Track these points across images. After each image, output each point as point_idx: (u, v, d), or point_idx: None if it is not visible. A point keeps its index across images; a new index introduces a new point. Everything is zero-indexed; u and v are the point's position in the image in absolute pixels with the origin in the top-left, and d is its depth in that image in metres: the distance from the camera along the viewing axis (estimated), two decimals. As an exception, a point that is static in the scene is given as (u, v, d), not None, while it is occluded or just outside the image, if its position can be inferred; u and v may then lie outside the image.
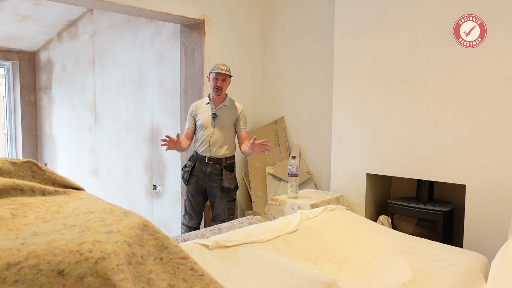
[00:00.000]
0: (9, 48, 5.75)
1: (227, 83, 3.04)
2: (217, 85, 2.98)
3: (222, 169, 3.01)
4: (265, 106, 4.09)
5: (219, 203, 3.02)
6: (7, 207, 0.77)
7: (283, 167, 3.74)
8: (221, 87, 2.99)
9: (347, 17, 3.18)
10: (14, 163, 0.90)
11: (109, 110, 4.85)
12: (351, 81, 3.17)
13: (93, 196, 0.93)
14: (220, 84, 2.98)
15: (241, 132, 3.08)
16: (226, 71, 2.98)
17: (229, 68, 3.05)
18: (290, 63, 3.88)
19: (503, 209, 2.54)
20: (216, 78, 2.98)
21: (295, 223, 2.34)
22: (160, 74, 4.20)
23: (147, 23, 4.29)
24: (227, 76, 3.00)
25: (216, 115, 3.02)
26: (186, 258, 0.78)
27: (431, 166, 2.82)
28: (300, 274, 1.79)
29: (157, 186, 4.32)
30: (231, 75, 3.03)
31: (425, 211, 2.91)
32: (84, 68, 5.17)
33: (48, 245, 0.63)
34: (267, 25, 4.03)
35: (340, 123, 3.25)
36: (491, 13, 2.55)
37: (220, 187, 3.00)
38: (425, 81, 2.82)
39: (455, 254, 2.25)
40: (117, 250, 0.66)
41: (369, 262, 2.19)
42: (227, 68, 3.01)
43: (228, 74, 2.99)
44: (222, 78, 2.98)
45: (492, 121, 2.59)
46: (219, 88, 2.98)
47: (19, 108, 5.92)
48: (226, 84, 3.02)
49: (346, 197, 3.19)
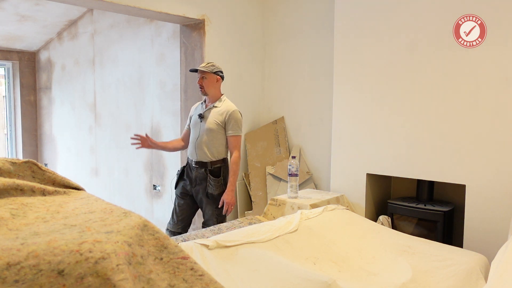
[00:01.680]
0: (9, 48, 5.75)
1: (209, 81, 2.81)
2: (198, 83, 2.83)
3: (207, 174, 2.83)
4: (265, 106, 4.09)
5: (207, 209, 2.86)
6: (7, 207, 0.77)
7: (283, 167, 3.74)
8: (201, 84, 2.81)
9: (347, 17, 3.18)
10: (14, 163, 0.90)
11: (109, 110, 4.85)
12: (351, 81, 3.17)
13: (93, 196, 0.93)
14: (199, 81, 2.81)
15: (228, 138, 2.84)
16: (203, 67, 2.78)
17: (213, 64, 2.83)
18: (290, 63, 3.88)
19: (503, 209, 2.55)
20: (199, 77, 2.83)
21: (295, 223, 2.34)
22: (160, 74, 4.21)
23: (147, 23, 4.29)
24: (205, 73, 2.79)
25: (203, 116, 2.86)
26: (186, 258, 0.79)
27: (431, 166, 2.82)
28: (300, 274, 1.79)
29: (157, 186, 4.32)
30: (211, 71, 2.79)
31: (425, 211, 2.91)
32: (84, 68, 5.17)
33: (48, 245, 0.63)
34: (267, 25, 4.03)
35: (340, 123, 3.25)
36: (491, 13, 2.55)
37: (205, 192, 2.84)
38: (425, 81, 2.82)
39: (455, 254, 2.25)
40: (117, 250, 0.66)
41: (369, 262, 2.19)
42: (208, 64, 2.82)
43: (205, 70, 2.77)
44: (201, 76, 2.80)
45: (492, 121, 2.59)
46: (201, 87, 2.82)
47: (19, 108, 5.92)
48: (207, 81, 2.80)
49: (346, 197, 3.19)
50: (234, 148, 2.84)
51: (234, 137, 2.84)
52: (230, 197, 2.81)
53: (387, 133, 3.01)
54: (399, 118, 2.94)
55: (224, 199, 2.81)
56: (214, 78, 2.83)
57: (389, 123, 2.99)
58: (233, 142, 2.84)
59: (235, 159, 2.82)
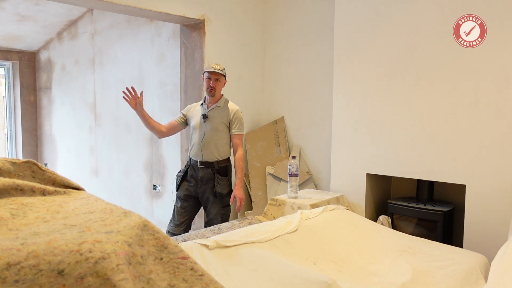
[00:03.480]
0: (9, 48, 5.75)
1: (221, 83, 2.89)
2: (209, 85, 2.84)
3: (214, 174, 2.87)
4: (265, 106, 4.09)
5: (212, 208, 2.88)
6: (7, 207, 0.77)
7: (283, 167, 3.74)
8: (214, 87, 2.84)
9: (347, 17, 3.18)
10: (14, 163, 0.90)
11: (109, 110, 4.85)
12: (351, 81, 3.17)
13: (93, 196, 0.93)
14: (213, 83, 2.83)
15: (234, 136, 2.91)
16: (219, 70, 2.84)
17: (223, 67, 2.91)
18: (290, 63, 3.88)
19: (503, 209, 2.55)
20: (209, 78, 2.85)
21: (295, 223, 2.34)
22: (160, 74, 4.21)
23: (147, 23, 4.29)
24: (220, 76, 2.86)
25: (207, 116, 2.87)
26: (186, 258, 0.78)
27: (431, 166, 2.82)
28: (300, 274, 1.79)
29: (157, 186, 4.32)
30: (224, 75, 2.90)
31: (425, 211, 2.91)
32: (84, 68, 5.17)
33: (48, 245, 0.63)
34: (267, 25, 4.03)
35: (340, 123, 3.25)
36: (491, 13, 2.55)
37: (212, 192, 2.87)
38: (425, 81, 2.82)
39: (455, 254, 2.25)
40: (117, 250, 0.66)
41: (369, 262, 2.19)
42: (221, 67, 2.87)
43: (221, 73, 2.85)
44: (215, 78, 2.84)
45: (492, 121, 2.59)
46: (212, 88, 2.84)
47: (19, 108, 5.92)
48: (219, 84, 2.87)
49: (346, 197, 3.19)
50: (238, 146, 2.93)
51: (239, 135, 2.93)
52: (241, 193, 2.89)
53: (387, 133, 3.01)
54: (399, 118, 2.94)
55: (236, 195, 2.88)
56: (224, 80, 2.93)
57: (389, 123, 2.99)
58: (238, 140, 2.92)
59: (241, 156, 2.92)
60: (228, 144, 2.95)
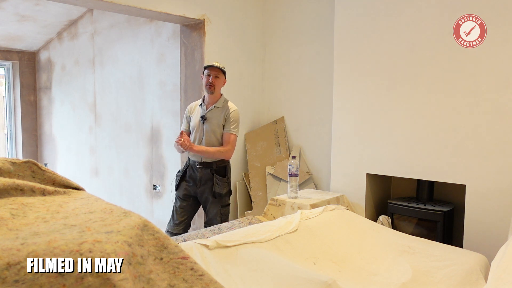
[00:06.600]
0: (9, 48, 5.75)
1: (221, 81, 2.87)
2: (209, 81, 2.81)
3: (213, 174, 2.87)
4: (265, 106, 4.09)
5: (211, 208, 2.89)
6: (7, 207, 0.77)
7: (283, 167, 3.74)
8: (213, 83, 2.82)
9: (347, 17, 3.18)
10: (14, 163, 0.90)
11: (109, 110, 4.85)
12: (351, 81, 3.17)
13: (93, 196, 0.93)
14: (212, 80, 2.81)
15: (225, 134, 2.86)
16: (221, 66, 2.83)
17: (224, 66, 2.90)
18: (290, 63, 3.88)
19: (503, 209, 2.54)
20: (208, 74, 2.83)
21: (295, 223, 2.34)
22: (160, 74, 4.21)
23: (147, 23, 4.29)
24: (219, 72, 2.84)
25: (206, 118, 2.87)
26: (186, 258, 0.79)
27: (431, 166, 2.82)
28: (300, 274, 1.79)
29: (157, 186, 4.32)
30: (224, 72, 2.87)
31: (425, 211, 2.91)
32: (84, 68, 5.17)
33: (48, 245, 0.63)
34: (267, 25, 4.03)
35: (340, 123, 3.25)
36: (491, 13, 2.55)
37: (211, 192, 2.87)
38: (425, 81, 2.82)
39: (455, 254, 2.25)
40: (117, 250, 0.66)
41: (369, 262, 2.19)
42: (221, 64, 2.86)
43: (221, 69, 2.83)
44: (214, 74, 2.82)
45: (492, 121, 2.59)
46: (211, 85, 2.82)
47: (19, 108, 5.92)
48: (219, 81, 2.85)
49: (346, 197, 3.19)
50: (227, 144, 2.86)
51: (229, 134, 2.86)
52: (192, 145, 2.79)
53: (387, 133, 3.01)
54: (399, 118, 2.94)
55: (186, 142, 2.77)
56: (223, 79, 2.90)
57: (389, 123, 2.99)
58: (228, 138, 2.86)
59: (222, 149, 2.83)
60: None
